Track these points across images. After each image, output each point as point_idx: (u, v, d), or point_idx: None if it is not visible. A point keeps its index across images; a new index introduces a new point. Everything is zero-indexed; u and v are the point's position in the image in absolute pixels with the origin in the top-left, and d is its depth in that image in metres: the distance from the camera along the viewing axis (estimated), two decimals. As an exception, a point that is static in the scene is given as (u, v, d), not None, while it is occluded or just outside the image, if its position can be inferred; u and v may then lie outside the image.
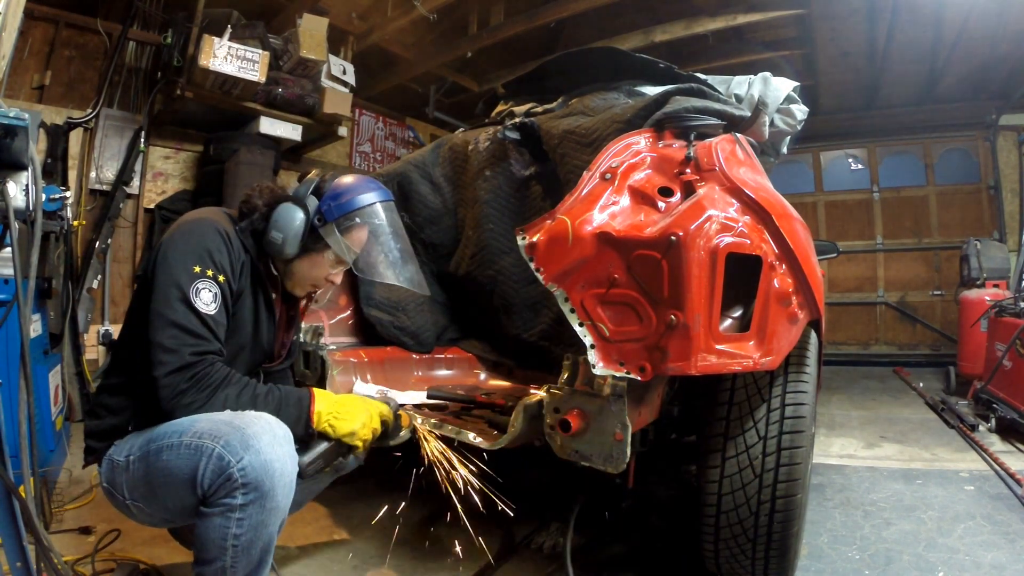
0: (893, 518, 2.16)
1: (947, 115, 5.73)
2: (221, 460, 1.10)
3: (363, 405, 1.35)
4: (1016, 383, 3.16)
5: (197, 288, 1.23)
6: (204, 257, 1.26)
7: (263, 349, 1.48)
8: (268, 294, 1.43)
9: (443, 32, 4.90)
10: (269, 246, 1.38)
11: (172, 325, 1.19)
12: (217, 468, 1.10)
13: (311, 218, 1.38)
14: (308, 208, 1.39)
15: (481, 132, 2.25)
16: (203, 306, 1.23)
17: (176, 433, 1.17)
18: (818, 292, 1.48)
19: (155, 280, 1.23)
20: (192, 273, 1.23)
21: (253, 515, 1.12)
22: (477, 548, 1.92)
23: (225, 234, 1.32)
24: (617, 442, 1.23)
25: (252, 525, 1.12)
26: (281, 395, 1.28)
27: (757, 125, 1.67)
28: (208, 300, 1.24)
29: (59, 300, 3.22)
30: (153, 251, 1.30)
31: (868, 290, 6.16)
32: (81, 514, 2.04)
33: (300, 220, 1.37)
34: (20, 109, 1.09)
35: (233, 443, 1.11)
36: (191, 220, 1.34)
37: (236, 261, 1.33)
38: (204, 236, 1.29)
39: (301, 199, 1.39)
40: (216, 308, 1.25)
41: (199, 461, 1.12)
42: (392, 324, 2.22)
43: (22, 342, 1.14)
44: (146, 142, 4.08)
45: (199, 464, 1.12)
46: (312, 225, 1.38)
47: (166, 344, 1.18)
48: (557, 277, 1.29)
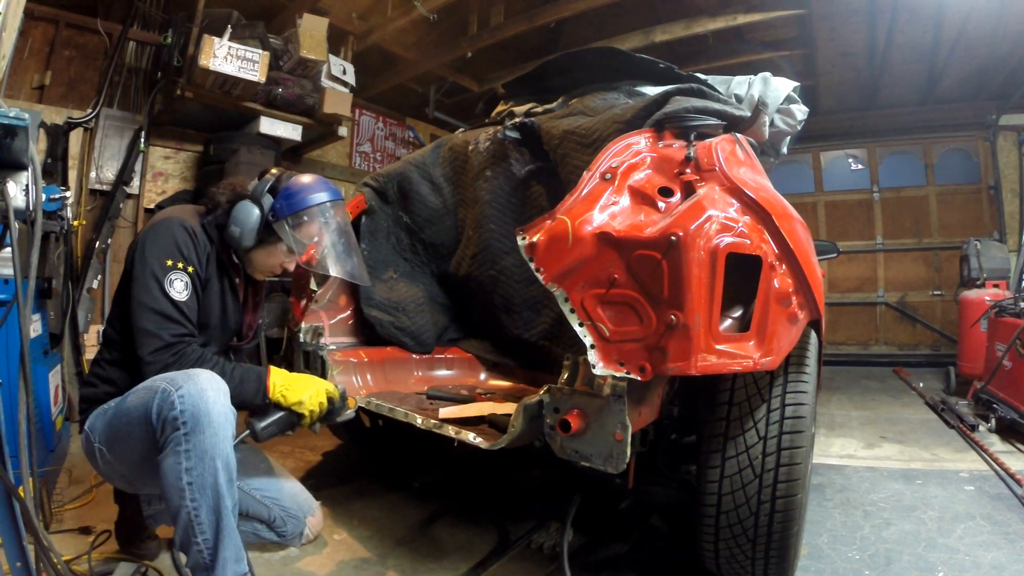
0: (893, 518, 2.16)
1: (947, 115, 5.73)
2: (165, 394, 1.27)
3: (312, 382, 1.54)
4: (1016, 383, 3.16)
5: (171, 279, 1.43)
6: (174, 251, 1.46)
7: (231, 329, 1.72)
8: (232, 280, 1.65)
9: (443, 32, 4.90)
10: (229, 238, 1.57)
11: (152, 312, 1.40)
12: (162, 399, 1.26)
13: (266, 214, 1.57)
14: (263, 205, 1.58)
15: (481, 132, 2.25)
16: (176, 294, 1.43)
17: (147, 381, 1.34)
18: (818, 292, 1.48)
19: (134, 272, 1.43)
20: (165, 266, 1.43)
21: (197, 444, 1.24)
22: (477, 548, 1.92)
23: (191, 230, 1.52)
24: (617, 442, 1.23)
25: (198, 455, 1.24)
26: (244, 370, 1.49)
27: (757, 125, 1.67)
28: (180, 289, 1.44)
29: (59, 300, 3.23)
30: (131, 247, 1.49)
31: (868, 290, 6.16)
32: (81, 514, 2.04)
33: (256, 216, 1.56)
34: (20, 109, 1.09)
35: (177, 379, 1.30)
36: (162, 219, 1.53)
37: (202, 252, 1.53)
38: (173, 232, 1.48)
39: (257, 197, 1.59)
40: (188, 295, 1.46)
41: (149, 399, 1.28)
42: (392, 324, 2.22)
43: (22, 342, 1.14)
44: (146, 142, 4.08)
45: (149, 402, 1.28)
46: (267, 220, 1.57)
47: (149, 328, 1.38)
48: (557, 277, 1.30)
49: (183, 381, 1.28)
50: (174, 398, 1.25)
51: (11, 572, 1.13)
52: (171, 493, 1.25)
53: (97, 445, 1.42)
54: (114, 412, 1.40)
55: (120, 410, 1.38)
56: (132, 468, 1.41)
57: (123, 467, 1.42)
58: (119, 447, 1.39)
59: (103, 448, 1.41)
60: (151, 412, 1.27)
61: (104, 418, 1.42)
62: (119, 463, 1.42)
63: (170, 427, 1.25)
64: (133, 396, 1.35)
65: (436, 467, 2.60)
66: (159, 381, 1.30)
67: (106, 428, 1.41)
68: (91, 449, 1.44)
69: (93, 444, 1.44)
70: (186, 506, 1.24)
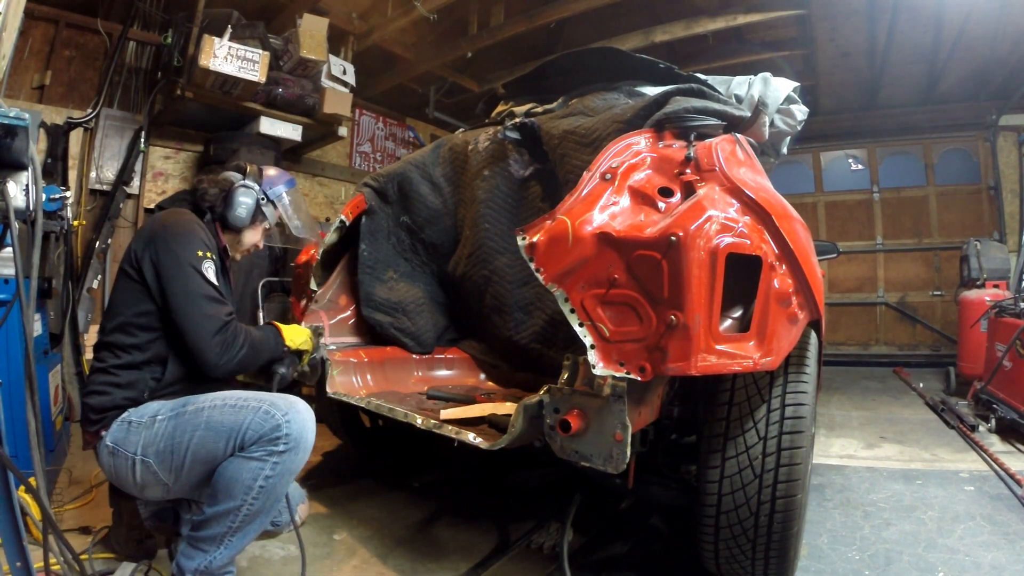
0: (893, 518, 2.16)
1: (947, 115, 5.73)
2: (268, 415, 1.39)
3: (302, 329, 1.84)
4: (1016, 383, 3.15)
5: (206, 267, 1.53)
6: (200, 243, 1.56)
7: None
8: (224, 262, 1.78)
9: (443, 32, 4.90)
10: (235, 220, 1.75)
11: (203, 298, 1.49)
12: (264, 420, 1.38)
13: (258, 198, 1.80)
14: (255, 190, 1.79)
15: (481, 132, 2.25)
16: (213, 279, 1.54)
17: (218, 398, 1.44)
18: (818, 292, 1.48)
19: (166, 270, 1.49)
20: (198, 256, 1.53)
21: (287, 461, 1.39)
22: (477, 548, 1.92)
23: (200, 223, 1.66)
24: (617, 442, 1.23)
25: (284, 469, 1.39)
26: (265, 332, 1.69)
27: (757, 125, 1.67)
28: (214, 275, 1.55)
29: (59, 300, 3.23)
30: (145, 247, 1.53)
31: (868, 290, 6.16)
32: (81, 514, 2.04)
33: (253, 200, 1.78)
34: (20, 109, 1.09)
35: (278, 403, 1.42)
36: (176, 219, 1.62)
37: (211, 240, 1.65)
38: (192, 227, 1.60)
39: (250, 185, 1.79)
40: (219, 280, 1.58)
41: (244, 416, 1.38)
42: (392, 325, 2.22)
43: (25, 341, 1.14)
44: (146, 142, 4.08)
45: (244, 418, 1.38)
46: (258, 203, 1.80)
47: (207, 312, 1.48)
48: (557, 277, 1.30)
49: (286, 407, 1.41)
50: (280, 421, 1.38)
51: (11, 572, 1.13)
52: (234, 488, 1.36)
53: (137, 457, 1.43)
54: (173, 425, 1.43)
55: (191, 422, 1.41)
56: (187, 474, 1.43)
57: (173, 474, 1.43)
58: (178, 455, 1.42)
59: (147, 459, 1.42)
60: (243, 426, 1.37)
61: (150, 432, 1.43)
62: (170, 471, 1.43)
63: (269, 442, 1.37)
64: (212, 411, 1.41)
65: (436, 467, 2.60)
66: (250, 400, 1.42)
67: (161, 439, 1.42)
68: (122, 462, 1.45)
69: (128, 456, 1.44)
70: (246, 503, 1.37)
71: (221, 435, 1.38)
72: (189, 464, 1.41)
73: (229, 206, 1.74)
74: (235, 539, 1.40)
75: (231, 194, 1.75)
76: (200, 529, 1.40)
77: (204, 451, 1.39)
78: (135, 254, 1.53)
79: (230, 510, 1.37)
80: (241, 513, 1.37)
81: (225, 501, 1.37)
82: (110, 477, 1.53)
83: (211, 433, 1.39)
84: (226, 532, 1.39)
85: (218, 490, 1.37)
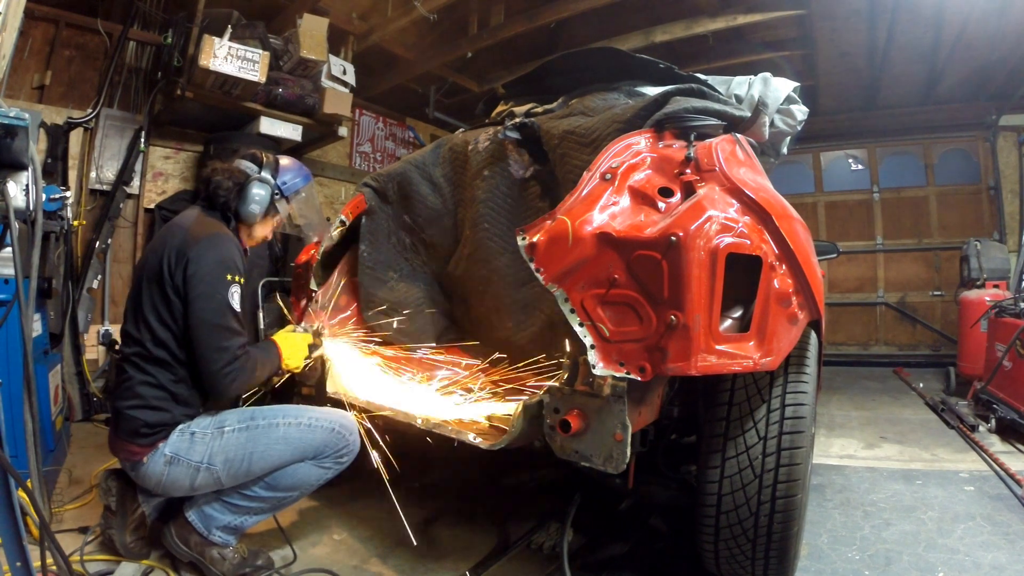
0: (893, 518, 2.16)
1: (947, 116, 5.72)
2: (340, 436, 1.67)
3: (301, 346, 1.83)
4: (1016, 384, 3.15)
5: (231, 293, 1.58)
6: (231, 267, 1.59)
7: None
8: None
9: (443, 32, 4.90)
10: (248, 216, 1.75)
11: (222, 329, 1.55)
12: (337, 440, 1.66)
13: (273, 192, 1.80)
14: (270, 185, 1.79)
15: (481, 132, 2.25)
16: (236, 306, 1.59)
17: (289, 416, 1.64)
18: (818, 293, 1.48)
19: (194, 290, 1.53)
20: (226, 281, 1.57)
21: (338, 470, 1.70)
22: (477, 548, 1.92)
23: (233, 240, 1.68)
24: (617, 442, 1.23)
25: (333, 476, 1.70)
26: (268, 354, 1.73)
27: (757, 125, 1.67)
28: (238, 301, 1.60)
29: (59, 300, 3.23)
30: (178, 262, 1.55)
31: (868, 290, 6.16)
32: (81, 514, 2.04)
33: (267, 193, 1.77)
34: (20, 109, 1.09)
35: (345, 424, 1.69)
36: (210, 236, 1.62)
37: (241, 258, 1.67)
38: (227, 247, 1.62)
39: (265, 178, 1.78)
40: (241, 304, 1.62)
41: (320, 436, 1.64)
42: (392, 326, 2.21)
43: (24, 342, 1.14)
44: (146, 142, 4.08)
45: (320, 438, 1.64)
46: (273, 197, 1.80)
47: (222, 344, 1.54)
48: (557, 277, 1.30)
49: (350, 428, 1.70)
50: (348, 440, 1.69)
51: (11, 572, 1.13)
52: (300, 485, 1.65)
53: (203, 464, 1.57)
54: (246, 437, 1.60)
55: (266, 435, 1.61)
56: (249, 475, 1.61)
57: (235, 478, 1.60)
58: (248, 462, 1.59)
59: (213, 466, 1.57)
60: (320, 445, 1.64)
61: (219, 442, 1.58)
62: (235, 475, 1.59)
63: (337, 456, 1.67)
64: (288, 428, 1.62)
65: (436, 467, 2.60)
66: (320, 421, 1.66)
67: (232, 448, 1.58)
68: (182, 470, 1.57)
69: (191, 463, 1.56)
70: (301, 494, 1.70)
71: (297, 450, 1.62)
72: (258, 469, 1.60)
73: (243, 200, 1.73)
74: (268, 514, 1.70)
75: (246, 188, 1.74)
76: (243, 500, 1.63)
77: (277, 459, 1.60)
78: (169, 267, 1.55)
79: (286, 498, 1.66)
80: (291, 499, 1.68)
81: (287, 491, 1.64)
82: (157, 485, 1.59)
83: (288, 447, 1.61)
84: (268, 508, 1.67)
85: (282, 483, 1.62)
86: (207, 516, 1.63)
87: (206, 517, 1.63)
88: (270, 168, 1.80)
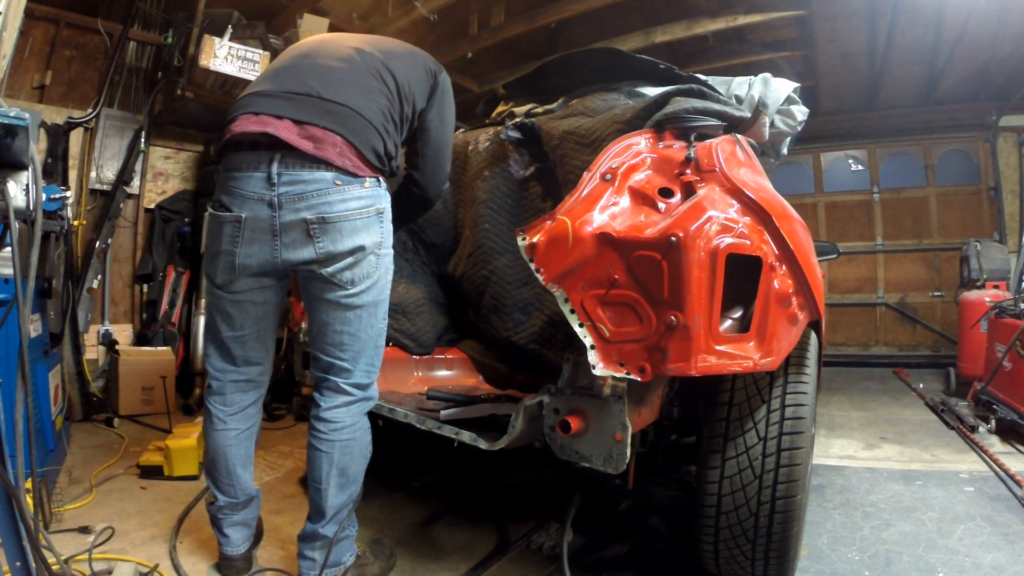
0: (893, 519, 2.16)
1: (947, 116, 5.72)
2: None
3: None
4: (1016, 384, 3.15)
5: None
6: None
7: None
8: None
9: (443, 33, 4.90)
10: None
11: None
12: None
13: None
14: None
15: (481, 133, 2.25)
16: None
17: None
18: (818, 293, 1.47)
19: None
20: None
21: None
22: (477, 548, 1.92)
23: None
24: (617, 443, 1.23)
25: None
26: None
27: (757, 126, 1.67)
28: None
29: (59, 300, 3.22)
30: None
31: (868, 291, 6.16)
32: (81, 514, 2.04)
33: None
34: (20, 109, 1.09)
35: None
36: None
37: None
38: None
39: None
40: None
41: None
42: (392, 326, 2.21)
43: (21, 342, 1.14)
44: (146, 142, 4.08)
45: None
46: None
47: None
48: (557, 278, 1.30)
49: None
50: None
51: (11, 572, 1.13)
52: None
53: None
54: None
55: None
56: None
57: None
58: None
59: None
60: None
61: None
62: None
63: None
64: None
65: (436, 467, 2.60)
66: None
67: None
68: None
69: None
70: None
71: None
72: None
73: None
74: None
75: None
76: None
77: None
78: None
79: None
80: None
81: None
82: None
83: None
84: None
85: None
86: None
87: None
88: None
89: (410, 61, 1.65)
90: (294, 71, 1.52)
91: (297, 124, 1.40)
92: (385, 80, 1.54)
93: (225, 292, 1.54)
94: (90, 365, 3.61)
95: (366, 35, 1.74)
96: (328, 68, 1.51)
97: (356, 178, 1.43)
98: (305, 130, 1.39)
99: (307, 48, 1.61)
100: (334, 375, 1.53)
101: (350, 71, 1.52)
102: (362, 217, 1.44)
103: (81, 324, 3.61)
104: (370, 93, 1.50)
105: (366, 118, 1.46)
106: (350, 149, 1.41)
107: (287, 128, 1.39)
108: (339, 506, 1.52)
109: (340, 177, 1.41)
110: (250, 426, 1.66)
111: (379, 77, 1.54)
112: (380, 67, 1.55)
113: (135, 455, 2.62)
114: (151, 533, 1.93)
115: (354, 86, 1.49)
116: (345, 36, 1.69)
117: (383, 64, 1.56)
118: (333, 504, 1.51)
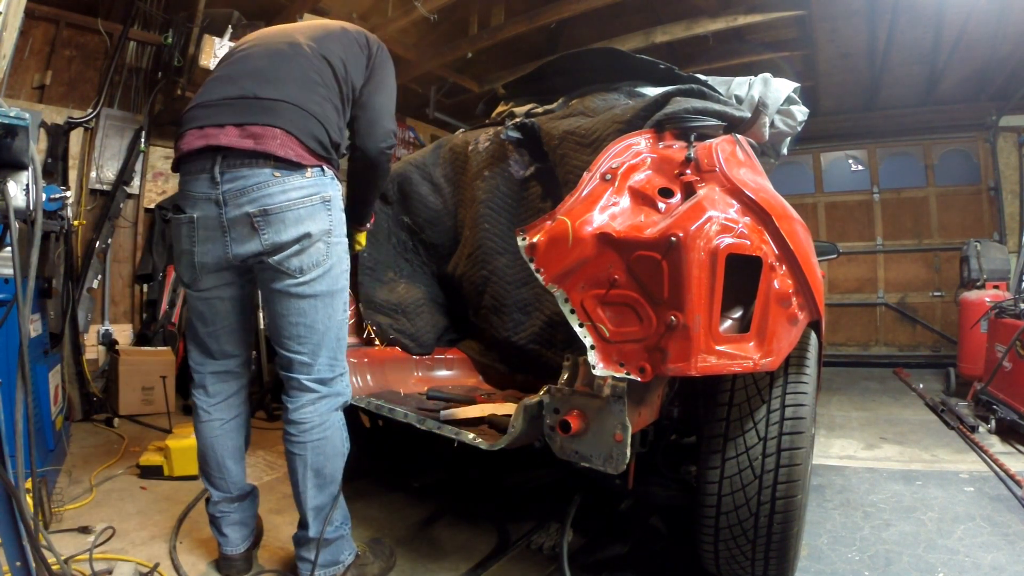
0: (893, 519, 2.16)
1: (947, 116, 5.72)
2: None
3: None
4: (1016, 384, 3.15)
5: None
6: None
7: None
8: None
9: (444, 33, 4.90)
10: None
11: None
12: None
13: None
14: None
15: (481, 133, 2.25)
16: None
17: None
18: (818, 293, 1.48)
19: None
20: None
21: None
22: (477, 548, 1.92)
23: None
24: (617, 443, 1.23)
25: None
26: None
27: (757, 126, 1.67)
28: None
29: (59, 300, 3.23)
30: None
31: (868, 291, 6.16)
32: (81, 514, 2.04)
33: None
34: (21, 109, 1.09)
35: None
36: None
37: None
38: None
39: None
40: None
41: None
42: (392, 326, 2.21)
43: (20, 342, 1.14)
44: (146, 142, 4.08)
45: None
46: None
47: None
48: (557, 278, 1.30)
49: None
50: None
51: (11, 572, 1.13)
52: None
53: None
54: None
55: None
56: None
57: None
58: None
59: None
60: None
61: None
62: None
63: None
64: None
65: (436, 467, 2.60)
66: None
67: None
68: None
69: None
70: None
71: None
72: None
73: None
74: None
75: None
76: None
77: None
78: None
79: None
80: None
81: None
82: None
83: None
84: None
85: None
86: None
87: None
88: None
89: (343, 40, 1.67)
90: (227, 79, 1.56)
91: (238, 127, 1.44)
92: (320, 69, 1.57)
93: (193, 291, 1.59)
94: (90, 365, 3.62)
95: (299, 24, 1.76)
96: (260, 68, 1.54)
97: (297, 168, 1.45)
98: (246, 130, 1.44)
99: (244, 50, 1.64)
100: (296, 372, 1.55)
101: (283, 66, 1.54)
102: (305, 206, 1.46)
103: (81, 324, 3.62)
104: (306, 84, 1.52)
105: (305, 109, 1.49)
106: (291, 139, 1.44)
107: (228, 134, 1.44)
108: (320, 506, 1.54)
109: (279, 169, 1.44)
110: (235, 416, 1.68)
111: (313, 66, 1.56)
112: (313, 56, 1.57)
113: (135, 455, 2.62)
114: (151, 533, 1.93)
115: (289, 80, 1.51)
116: (278, 30, 1.71)
117: (316, 52, 1.58)
118: (313, 505, 1.53)
